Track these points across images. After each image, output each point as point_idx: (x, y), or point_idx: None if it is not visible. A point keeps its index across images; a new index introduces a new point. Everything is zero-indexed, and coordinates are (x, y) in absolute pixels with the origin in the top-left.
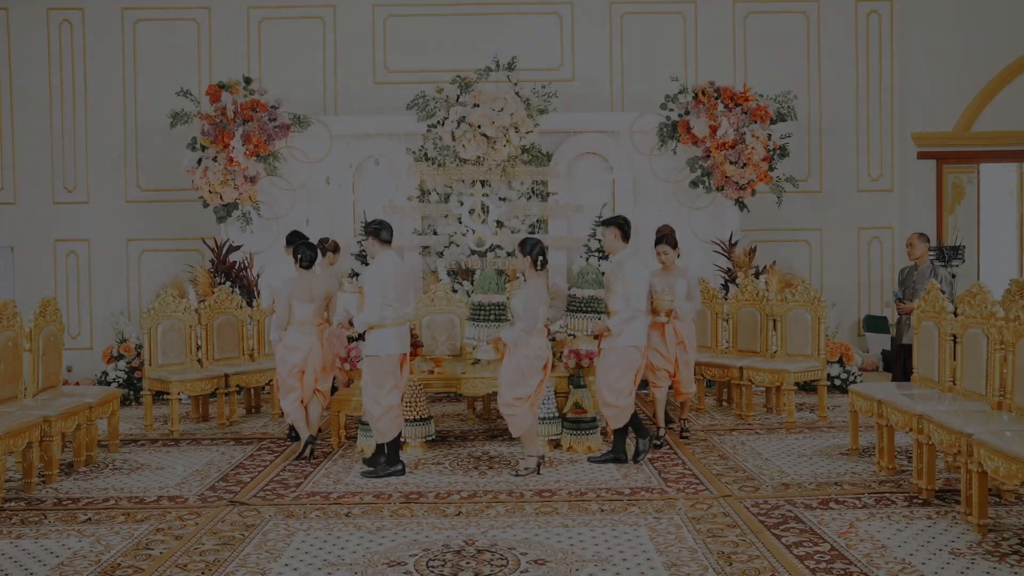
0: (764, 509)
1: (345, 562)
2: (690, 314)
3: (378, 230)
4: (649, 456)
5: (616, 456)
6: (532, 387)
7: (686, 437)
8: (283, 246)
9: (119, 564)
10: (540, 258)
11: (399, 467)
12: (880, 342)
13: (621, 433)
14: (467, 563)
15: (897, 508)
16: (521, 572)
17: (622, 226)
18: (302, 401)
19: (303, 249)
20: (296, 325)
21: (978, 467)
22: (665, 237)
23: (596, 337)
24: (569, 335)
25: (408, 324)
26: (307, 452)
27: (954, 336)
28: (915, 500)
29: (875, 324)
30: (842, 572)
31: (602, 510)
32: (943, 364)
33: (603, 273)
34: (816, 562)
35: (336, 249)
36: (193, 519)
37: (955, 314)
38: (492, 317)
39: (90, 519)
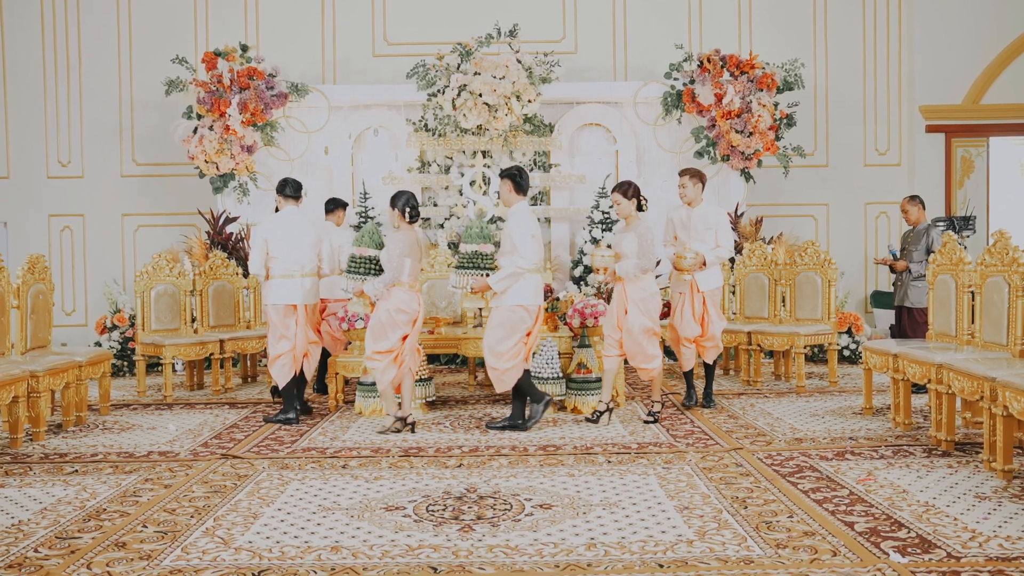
0: (778, 460)
1: (341, 507)
2: (631, 273)
3: (282, 186)
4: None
5: (514, 423)
6: (393, 341)
7: (650, 421)
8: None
9: (104, 509)
10: (408, 210)
11: (291, 415)
12: (888, 318)
13: (518, 396)
14: (469, 508)
15: (916, 459)
16: (526, 515)
17: (514, 177)
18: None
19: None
20: None
21: (1003, 410)
22: (619, 185)
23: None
24: (456, 291)
25: (309, 277)
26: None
27: (972, 291)
28: (934, 452)
29: (883, 300)
30: (863, 513)
31: (609, 462)
32: (961, 317)
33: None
34: (835, 505)
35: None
36: (184, 471)
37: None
38: (362, 270)
39: (77, 471)
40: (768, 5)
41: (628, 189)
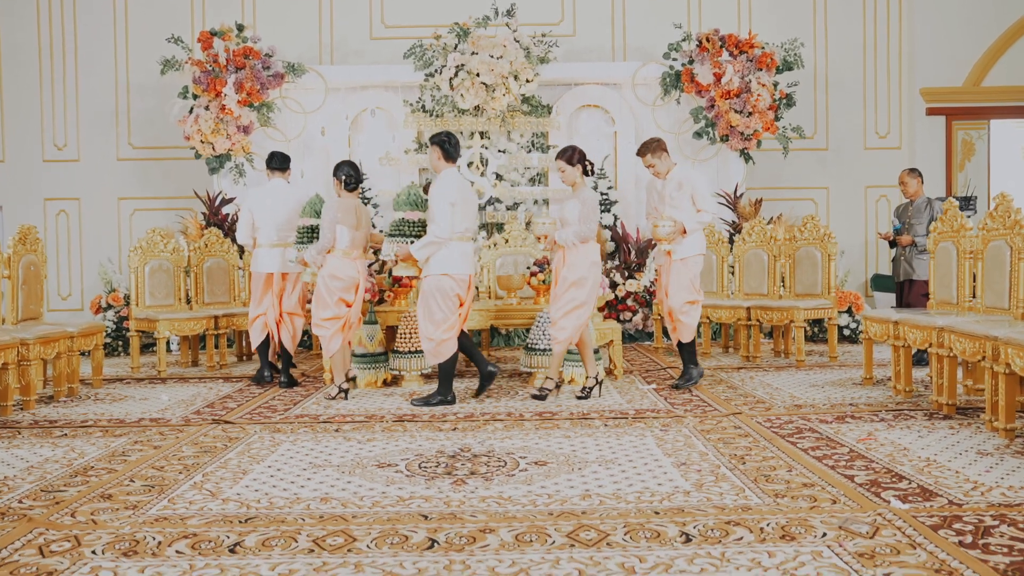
0: (777, 424)
1: (332, 464)
2: (570, 240)
3: (269, 160)
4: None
5: (443, 398)
6: (334, 308)
7: (538, 397)
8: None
9: (92, 467)
10: (344, 178)
11: (264, 373)
12: (889, 301)
13: (446, 370)
14: (462, 464)
15: (917, 421)
16: (520, 471)
17: (443, 144)
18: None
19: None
20: None
21: (1005, 368)
22: (561, 152)
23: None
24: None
25: (289, 247)
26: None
27: (973, 271)
28: (935, 415)
29: (884, 283)
30: (864, 467)
31: (606, 425)
32: (962, 284)
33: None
34: (835, 461)
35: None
36: (174, 434)
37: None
38: (305, 239)
39: (66, 434)
40: None
41: (572, 155)
